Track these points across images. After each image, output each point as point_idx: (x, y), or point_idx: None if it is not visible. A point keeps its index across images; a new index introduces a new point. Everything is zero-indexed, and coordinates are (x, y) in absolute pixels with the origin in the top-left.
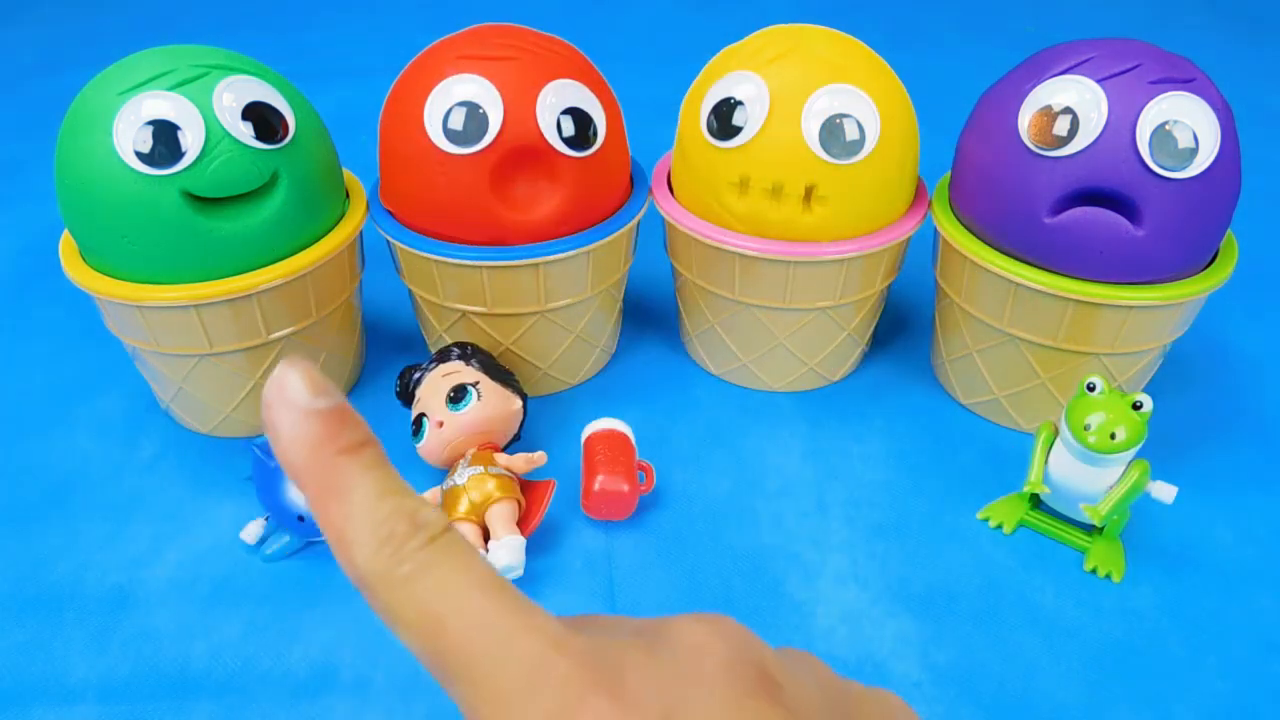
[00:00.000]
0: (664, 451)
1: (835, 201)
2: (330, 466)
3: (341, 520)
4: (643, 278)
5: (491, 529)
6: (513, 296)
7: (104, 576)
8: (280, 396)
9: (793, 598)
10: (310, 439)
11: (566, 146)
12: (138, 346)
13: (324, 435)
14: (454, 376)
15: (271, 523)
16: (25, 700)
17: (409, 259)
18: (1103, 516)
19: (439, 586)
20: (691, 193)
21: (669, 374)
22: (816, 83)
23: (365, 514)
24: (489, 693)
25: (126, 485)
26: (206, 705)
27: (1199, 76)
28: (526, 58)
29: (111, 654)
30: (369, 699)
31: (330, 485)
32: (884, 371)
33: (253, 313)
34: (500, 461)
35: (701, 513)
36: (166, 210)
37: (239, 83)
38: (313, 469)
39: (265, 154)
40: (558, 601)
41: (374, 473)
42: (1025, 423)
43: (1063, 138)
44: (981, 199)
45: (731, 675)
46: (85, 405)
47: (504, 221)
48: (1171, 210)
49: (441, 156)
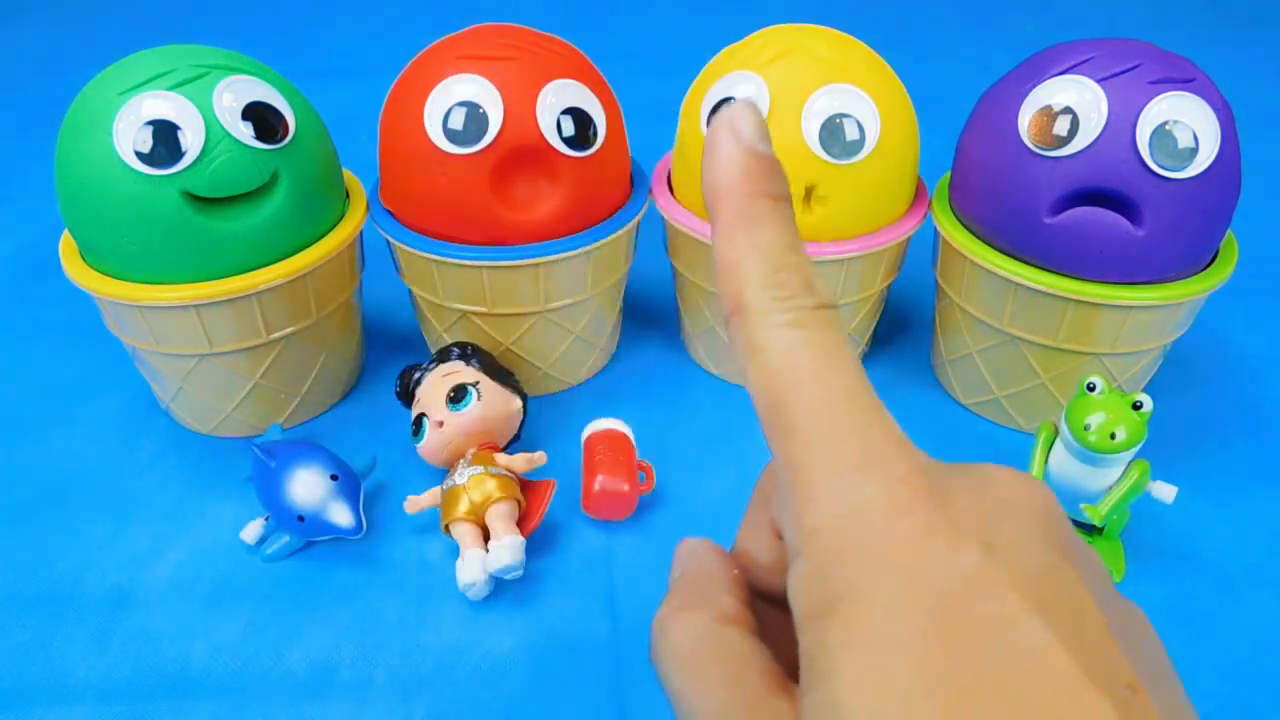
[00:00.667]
0: (664, 451)
1: (835, 201)
2: (751, 200)
3: (744, 250)
4: (643, 278)
5: (491, 529)
6: (513, 296)
7: (104, 576)
8: (731, 126)
9: None
10: (743, 170)
11: (566, 146)
12: (138, 346)
13: (757, 173)
14: (454, 376)
15: (271, 523)
16: (25, 700)
17: (409, 259)
18: (1103, 516)
19: (809, 346)
20: (691, 193)
21: (669, 374)
22: (816, 83)
23: (769, 255)
24: (819, 460)
25: (126, 485)
26: (206, 705)
27: (1199, 76)
28: (526, 58)
29: (111, 654)
30: (369, 699)
31: (745, 215)
32: (884, 371)
33: (253, 313)
34: (500, 461)
35: (701, 513)
36: (166, 210)
37: (239, 83)
38: (735, 196)
39: (265, 154)
40: (558, 601)
41: (788, 227)
42: (1025, 423)
43: (1063, 138)
44: (981, 199)
45: (1047, 529)
46: (85, 405)
47: (504, 221)
48: (1171, 210)
49: (441, 156)
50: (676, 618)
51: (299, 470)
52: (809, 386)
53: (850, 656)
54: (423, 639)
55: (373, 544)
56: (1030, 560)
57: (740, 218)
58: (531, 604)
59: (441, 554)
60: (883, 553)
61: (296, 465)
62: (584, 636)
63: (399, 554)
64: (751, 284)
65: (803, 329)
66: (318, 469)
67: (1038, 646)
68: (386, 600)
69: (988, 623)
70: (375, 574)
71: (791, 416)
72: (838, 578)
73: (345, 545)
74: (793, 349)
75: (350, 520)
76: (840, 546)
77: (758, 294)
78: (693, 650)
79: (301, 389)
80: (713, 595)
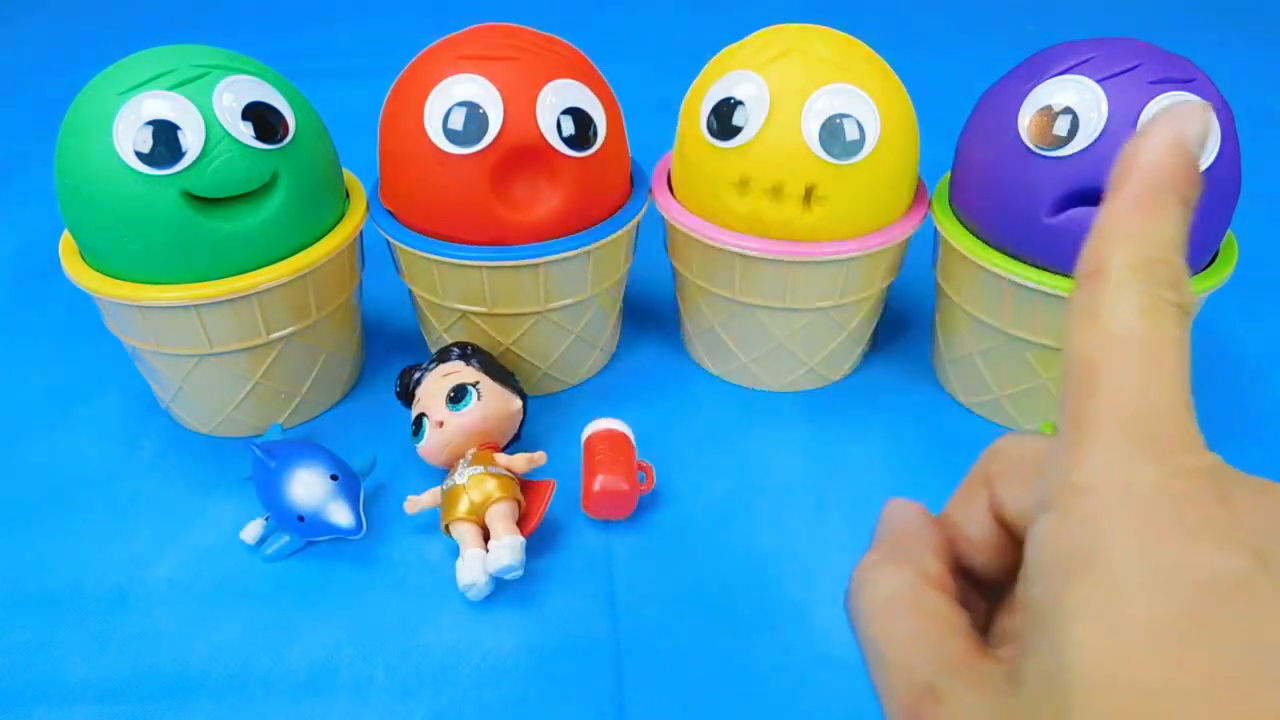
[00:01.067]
0: (664, 451)
1: (835, 201)
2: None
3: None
4: (643, 278)
5: (491, 529)
6: (513, 296)
7: (104, 576)
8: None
9: (792, 598)
10: (1171, 164)
11: (566, 146)
12: (138, 346)
13: (1182, 173)
14: (454, 376)
15: (271, 523)
16: (25, 700)
17: (409, 259)
18: None
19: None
20: (691, 193)
21: (669, 374)
22: (816, 83)
23: (1155, 242)
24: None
25: (126, 485)
26: (206, 705)
27: (1199, 76)
28: (526, 58)
29: (111, 654)
30: (369, 699)
31: (1151, 200)
32: (884, 371)
33: (253, 313)
34: (500, 461)
35: (701, 513)
36: (166, 210)
37: (239, 83)
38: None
39: (265, 154)
40: (558, 602)
41: (1182, 233)
42: (1025, 423)
43: (1063, 138)
44: (981, 199)
45: None
46: (85, 405)
47: (504, 221)
48: None
49: (441, 156)
50: (878, 569)
51: (299, 470)
52: (1135, 360)
53: (1089, 621)
54: (423, 639)
55: (373, 544)
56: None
57: (1145, 200)
58: (531, 604)
59: (441, 554)
60: (1147, 531)
61: (296, 465)
62: (584, 636)
63: (399, 554)
64: (1123, 256)
65: (1154, 315)
66: (318, 469)
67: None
68: (386, 600)
69: (1249, 630)
70: (375, 574)
71: (1104, 380)
72: (1094, 540)
73: (345, 545)
74: (1137, 325)
75: (350, 520)
76: (1104, 512)
77: (1124, 268)
78: (892, 603)
79: (301, 389)
80: (918, 554)
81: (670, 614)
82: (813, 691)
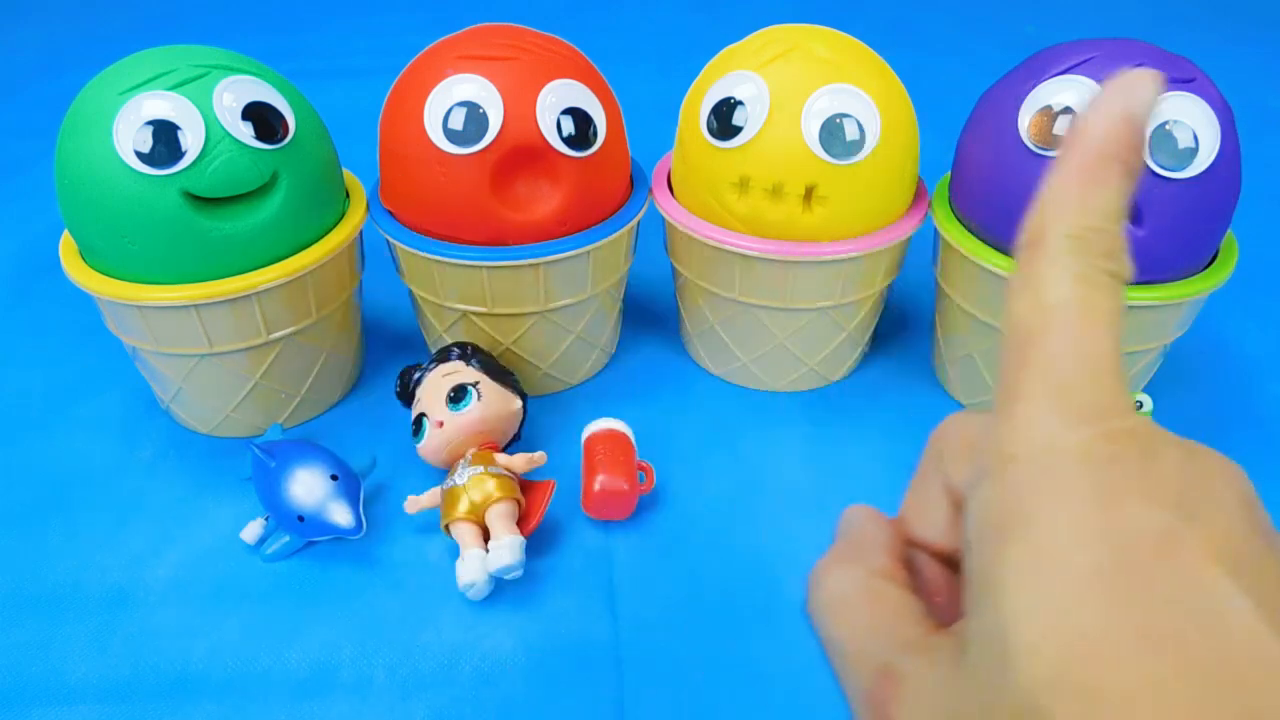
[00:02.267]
0: (664, 451)
1: (835, 201)
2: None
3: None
4: (643, 278)
5: (491, 529)
6: (513, 296)
7: (104, 576)
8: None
9: (792, 598)
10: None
11: (566, 146)
12: (138, 346)
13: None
14: (454, 376)
15: (271, 523)
16: (25, 700)
17: (409, 259)
18: None
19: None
20: (691, 193)
21: (669, 374)
22: (816, 83)
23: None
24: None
25: (126, 485)
26: (206, 705)
27: (1199, 76)
28: (526, 58)
29: (111, 654)
30: (369, 699)
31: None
32: (884, 371)
33: (253, 313)
34: (500, 461)
35: (701, 513)
36: (166, 210)
37: (239, 83)
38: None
39: (265, 154)
40: (558, 602)
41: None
42: None
43: (1063, 138)
44: (981, 199)
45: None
46: (85, 405)
47: (504, 221)
48: (1171, 210)
49: (441, 156)
50: (830, 569)
51: (299, 470)
52: (1068, 330)
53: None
54: (423, 639)
55: (373, 544)
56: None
57: (1087, 168)
58: (531, 604)
59: (441, 554)
60: (1075, 493)
61: (296, 465)
62: (584, 636)
63: (399, 554)
64: (1061, 226)
65: (1088, 285)
66: (318, 469)
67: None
68: (386, 600)
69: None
70: (375, 574)
71: (1036, 350)
72: (1024, 504)
73: (345, 545)
74: (1071, 296)
75: (350, 520)
76: (1033, 478)
77: (1062, 237)
78: (844, 596)
79: (301, 389)
80: (868, 553)
81: (670, 614)
82: (813, 691)
